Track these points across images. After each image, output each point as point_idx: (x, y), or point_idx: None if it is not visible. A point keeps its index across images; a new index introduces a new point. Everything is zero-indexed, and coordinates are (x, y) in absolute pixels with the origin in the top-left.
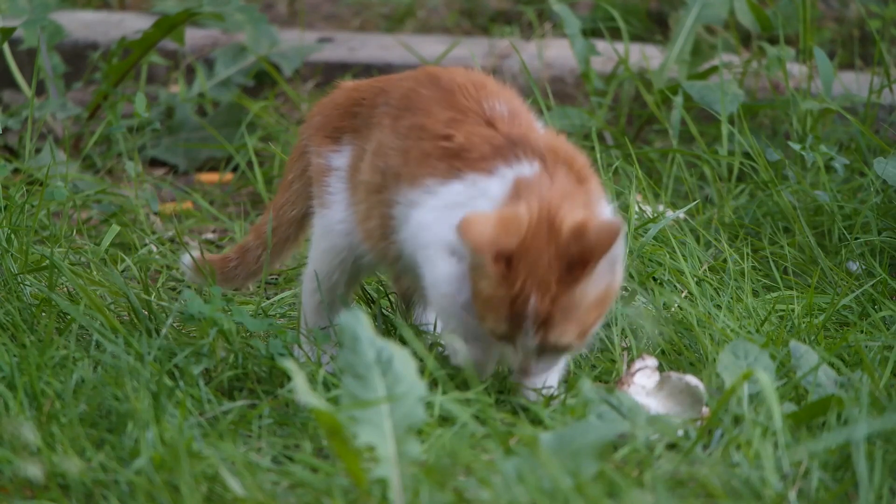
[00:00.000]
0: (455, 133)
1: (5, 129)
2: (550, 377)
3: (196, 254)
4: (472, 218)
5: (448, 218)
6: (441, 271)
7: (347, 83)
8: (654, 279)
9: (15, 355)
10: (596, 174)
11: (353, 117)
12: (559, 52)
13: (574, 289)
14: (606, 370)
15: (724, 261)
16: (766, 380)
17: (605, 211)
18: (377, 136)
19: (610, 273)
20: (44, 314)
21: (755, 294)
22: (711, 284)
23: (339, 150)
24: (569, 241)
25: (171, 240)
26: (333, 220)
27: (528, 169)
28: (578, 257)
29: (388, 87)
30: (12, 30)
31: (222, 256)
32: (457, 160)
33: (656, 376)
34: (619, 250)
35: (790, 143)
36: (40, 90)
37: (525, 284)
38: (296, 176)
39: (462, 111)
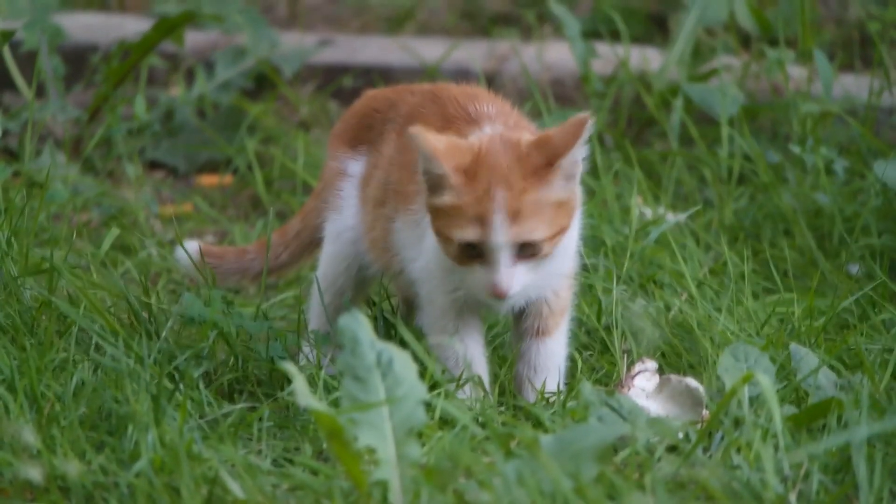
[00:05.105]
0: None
1: (5, 132)
2: (550, 381)
3: (194, 246)
4: (424, 133)
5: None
6: (439, 308)
7: (370, 92)
8: (655, 282)
9: (15, 358)
10: None
11: (369, 129)
12: (559, 55)
13: (541, 186)
14: (607, 373)
15: (725, 263)
16: (767, 382)
17: None
18: (385, 151)
19: (572, 180)
20: (44, 317)
21: (755, 297)
22: (712, 287)
23: (355, 158)
24: (530, 150)
25: (171, 242)
26: (342, 227)
27: (489, 130)
28: (544, 159)
29: (399, 101)
30: (13, 32)
31: (240, 248)
32: None
33: (656, 379)
34: (581, 156)
35: (790, 146)
36: (40, 92)
37: (490, 184)
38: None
39: (449, 119)
